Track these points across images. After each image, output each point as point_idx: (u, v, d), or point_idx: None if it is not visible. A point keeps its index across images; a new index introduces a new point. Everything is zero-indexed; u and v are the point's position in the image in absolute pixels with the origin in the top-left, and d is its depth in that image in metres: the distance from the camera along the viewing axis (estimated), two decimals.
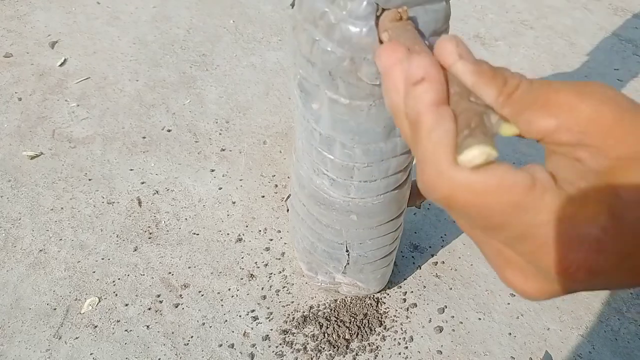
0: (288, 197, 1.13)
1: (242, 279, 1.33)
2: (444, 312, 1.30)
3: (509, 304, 1.33)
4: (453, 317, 1.29)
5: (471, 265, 1.41)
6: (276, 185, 1.57)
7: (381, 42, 0.65)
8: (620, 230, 0.21)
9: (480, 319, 1.29)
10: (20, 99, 1.77)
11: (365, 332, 1.25)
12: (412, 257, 1.41)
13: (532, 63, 2.17)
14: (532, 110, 0.24)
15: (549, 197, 0.22)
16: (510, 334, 1.27)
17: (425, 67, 0.25)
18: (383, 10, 0.63)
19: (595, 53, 2.27)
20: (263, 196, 1.54)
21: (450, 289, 1.35)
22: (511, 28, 2.39)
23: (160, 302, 1.27)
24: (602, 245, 0.21)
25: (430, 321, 1.28)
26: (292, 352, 1.20)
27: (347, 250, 1.09)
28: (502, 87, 0.26)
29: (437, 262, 1.41)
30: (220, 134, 1.72)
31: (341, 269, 1.14)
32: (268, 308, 1.28)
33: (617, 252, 0.21)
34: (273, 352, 1.20)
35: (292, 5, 0.82)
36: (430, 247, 1.45)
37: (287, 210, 1.16)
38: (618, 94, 0.24)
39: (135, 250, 1.37)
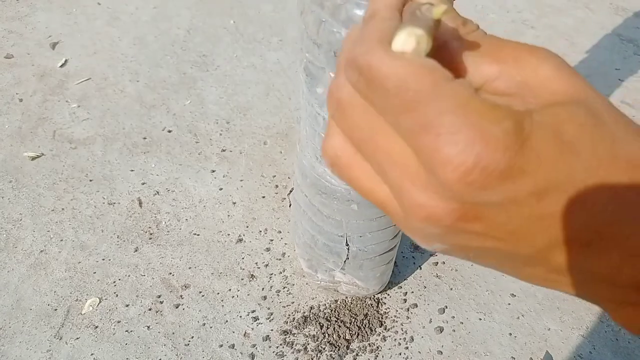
0: (291, 191, 1.13)
1: (242, 279, 1.33)
2: (444, 312, 1.30)
3: (509, 304, 1.32)
4: (454, 317, 1.29)
5: (472, 265, 1.41)
6: (277, 186, 1.57)
7: None
8: (523, 144, 0.20)
9: (480, 319, 1.29)
10: (21, 100, 1.77)
11: (366, 332, 1.25)
12: (413, 257, 1.41)
13: None
14: (480, 55, 0.25)
15: (463, 90, 0.22)
16: (510, 334, 1.27)
17: None
18: None
19: (596, 52, 2.26)
20: (263, 197, 1.54)
21: (451, 289, 1.35)
22: (512, 28, 2.38)
23: (161, 302, 1.27)
24: (500, 145, 0.20)
25: (430, 321, 1.28)
26: (293, 352, 1.20)
27: (347, 244, 1.10)
28: (461, 25, 0.27)
29: (437, 263, 1.41)
30: (220, 134, 1.72)
31: (341, 264, 1.15)
32: (268, 308, 1.28)
33: (517, 163, 0.20)
34: (274, 352, 1.20)
35: None
36: None
37: (290, 205, 1.16)
38: (560, 57, 0.25)
39: (136, 250, 1.37)
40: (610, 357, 1.24)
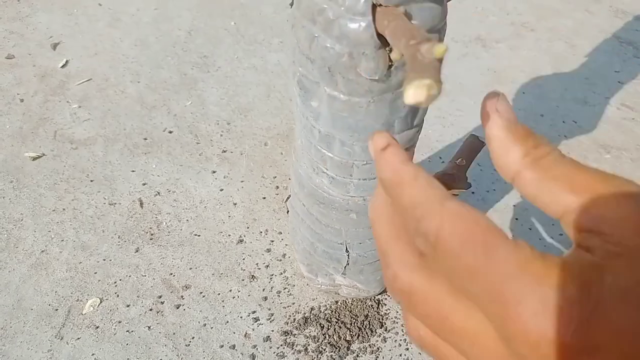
0: (288, 198, 1.13)
1: (243, 280, 1.33)
2: None
3: None
4: None
5: None
6: (277, 187, 1.57)
7: (379, 36, 0.66)
8: (592, 314, 0.19)
9: None
10: (22, 101, 1.77)
11: (366, 333, 1.25)
12: None
13: (533, 65, 2.18)
14: (558, 183, 0.24)
15: (520, 251, 0.21)
16: None
17: (388, 137, 0.27)
18: (380, 5, 0.64)
19: (596, 55, 2.27)
20: (264, 197, 1.54)
21: None
22: (512, 30, 2.39)
23: (162, 303, 1.27)
24: (564, 317, 0.19)
25: None
26: (293, 353, 1.20)
27: (347, 251, 1.09)
28: (532, 149, 0.25)
29: None
30: (221, 135, 1.73)
31: (341, 270, 1.14)
32: (269, 309, 1.28)
33: (586, 336, 0.19)
34: (274, 353, 1.20)
35: (292, 4, 0.84)
36: None
37: (287, 212, 1.17)
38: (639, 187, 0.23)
39: (137, 251, 1.37)
40: None
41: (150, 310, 1.26)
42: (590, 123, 1.91)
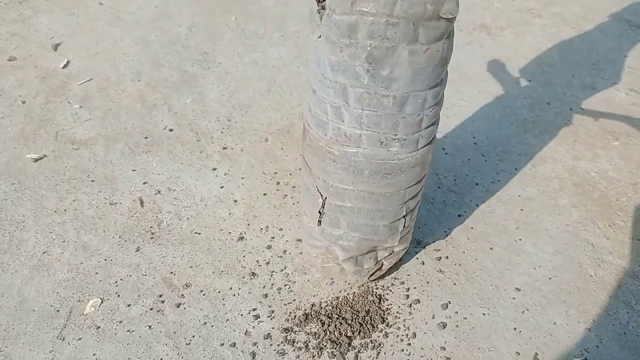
0: (323, 205, 1.12)
1: (243, 277, 1.33)
2: (447, 307, 1.28)
3: (514, 298, 1.30)
4: (457, 312, 1.28)
5: (476, 259, 1.39)
6: (278, 183, 1.56)
7: None
8: None
9: (484, 314, 1.27)
10: (24, 102, 1.78)
11: (368, 329, 1.23)
12: (415, 252, 1.40)
13: (539, 51, 2.13)
14: None
15: None
16: (515, 329, 1.25)
17: None
18: None
19: (604, 39, 2.22)
20: (265, 194, 1.53)
21: (454, 284, 1.33)
22: (518, 17, 2.34)
23: (162, 302, 1.27)
24: None
25: (433, 317, 1.26)
26: (294, 350, 1.19)
27: (405, 213, 1.14)
28: None
29: (440, 257, 1.39)
30: (222, 132, 1.72)
31: (398, 237, 1.19)
32: (270, 306, 1.27)
33: None
34: (275, 350, 1.19)
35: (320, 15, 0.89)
36: (433, 242, 1.43)
37: (319, 223, 1.16)
38: None
39: (138, 250, 1.37)
40: (617, 351, 1.21)
41: (151, 309, 1.26)
42: (598, 109, 1.86)
